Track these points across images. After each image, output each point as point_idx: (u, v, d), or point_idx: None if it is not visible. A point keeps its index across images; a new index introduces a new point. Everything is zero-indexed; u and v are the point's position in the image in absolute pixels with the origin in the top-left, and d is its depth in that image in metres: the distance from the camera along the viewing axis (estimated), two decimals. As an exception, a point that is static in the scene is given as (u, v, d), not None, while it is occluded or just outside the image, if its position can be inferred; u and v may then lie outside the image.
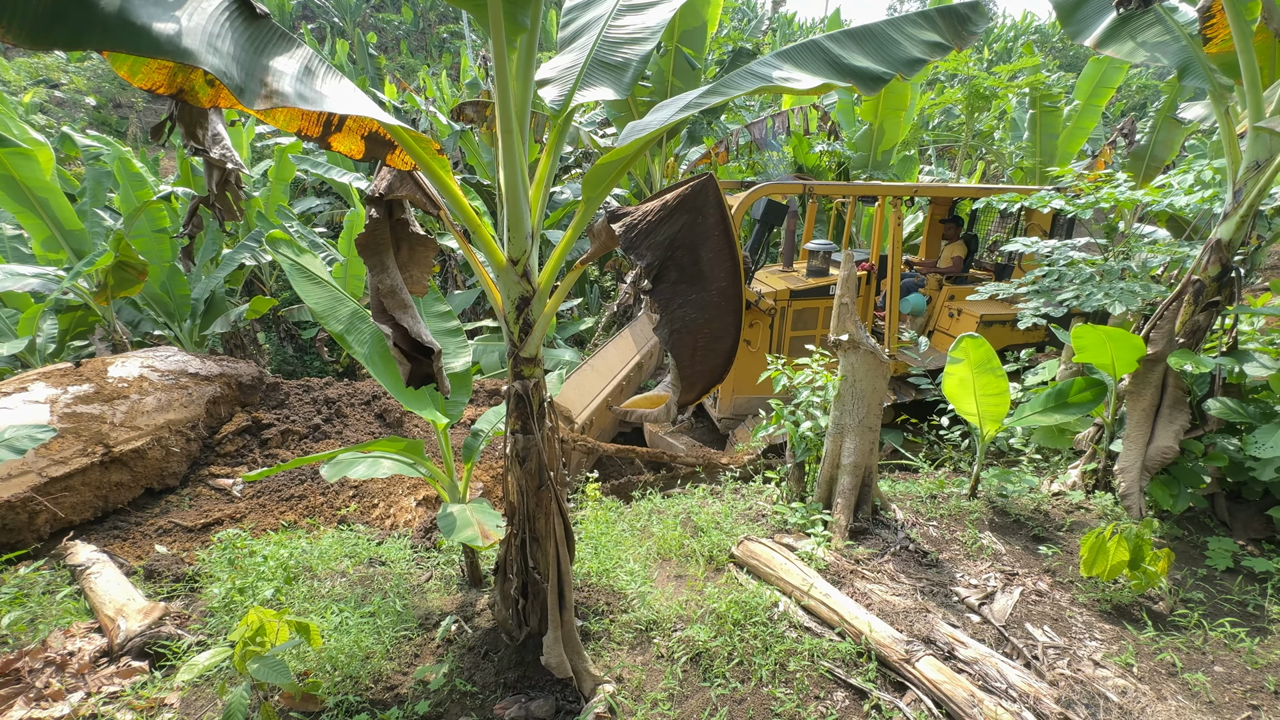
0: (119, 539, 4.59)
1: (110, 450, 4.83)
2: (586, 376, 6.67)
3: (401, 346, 2.35)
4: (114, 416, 5.05)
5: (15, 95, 14.56)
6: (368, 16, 26.00)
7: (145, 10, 1.36)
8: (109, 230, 8.35)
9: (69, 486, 4.54)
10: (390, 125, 1.79)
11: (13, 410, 4.67)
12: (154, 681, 2.71)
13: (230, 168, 1.86)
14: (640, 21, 2.26)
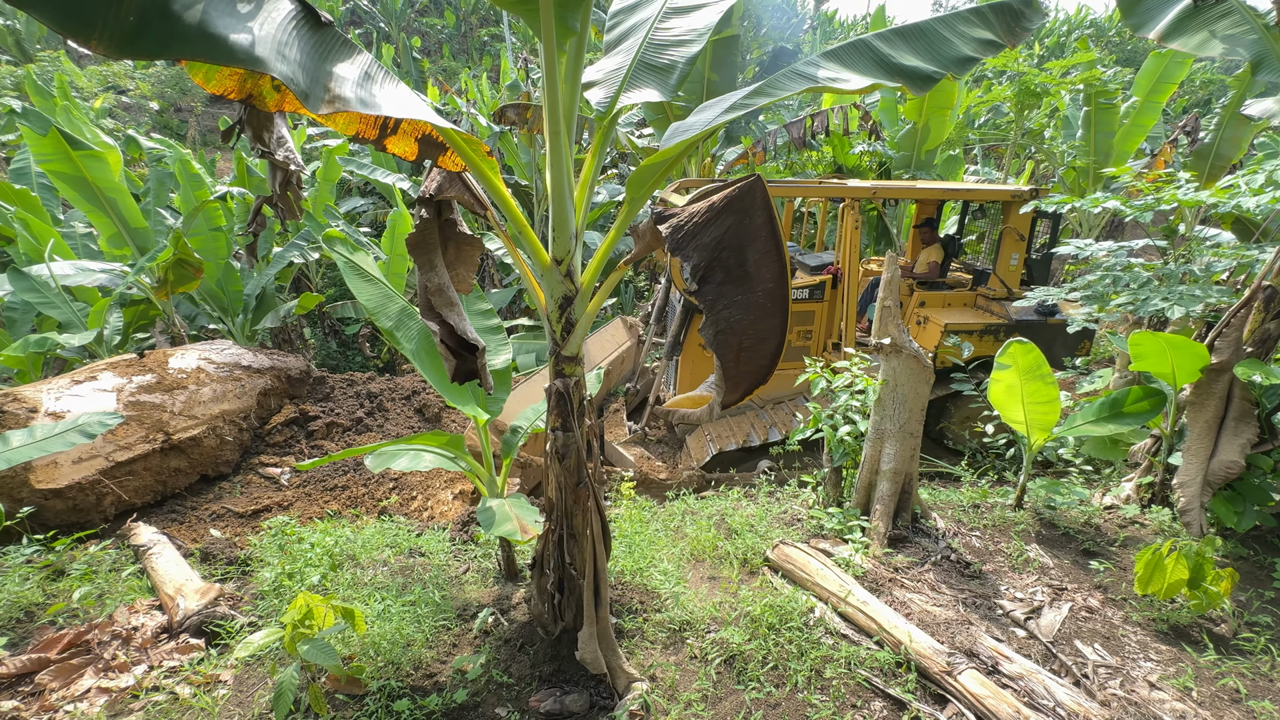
0: (176, 522, 4.83)
1: (170, 438, 5.09)
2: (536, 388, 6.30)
3: (448, 343, 2.41)
4: (173, 406, 5.32)
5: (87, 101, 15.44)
6: (412, 21, 26.66)
7: (221, 21, 1.43)
8: (170, 228, 8.77)
9: (132, 471, 4.80)
10: (442, 128, 1.84)
11: (83, 398, 4.96)
12: (210, 658, 2.84)
13: (293, 169, 1.94)
14: (687, 24, 2.27)
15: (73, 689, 2.64)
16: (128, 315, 8.53)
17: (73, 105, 11.12)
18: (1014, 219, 6.12)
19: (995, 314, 6.16)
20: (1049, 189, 6.56)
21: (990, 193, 6.32)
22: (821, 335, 6.47)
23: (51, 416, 4.66)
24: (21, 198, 8.37)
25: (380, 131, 1.90)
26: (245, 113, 1.81)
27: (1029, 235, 6.26)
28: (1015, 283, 6.34)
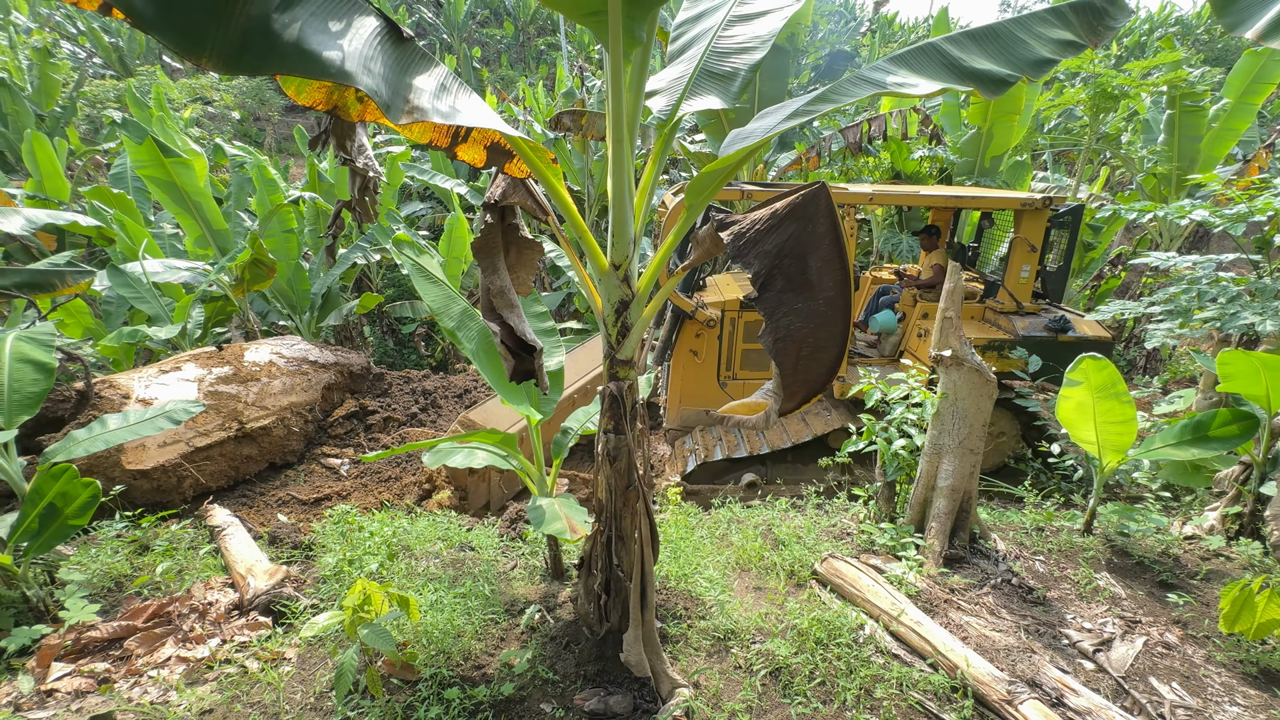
0: (245, 506, 5.13)
1: (243, 426, 5.41)
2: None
3: (507, 344, 2.48)
4: (247, 397, 5.65)
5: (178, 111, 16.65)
6: (473, 32, 27.57)
7: (315, 39, 1.54)
8: (248, 230, 9.34)
9: (209, 456, 5.13)
10: (511, 136, 1.90)
11: (169, 386, 5.34)
12: (276, 636, 3.01)
13: (371, 176, 2.05)
14: (750, 31, 2.27)
15: (155, 656, 2.85)
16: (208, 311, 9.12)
17: (166, 116, 12.00)
18: (1025, 228, 5.79)
19: (1002, 329, 5.85)
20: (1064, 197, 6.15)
21: (998, 201, 5.96)
22: None
23: (141, 403, 5.04)
24: (119, 201, 9.08)
25: (452, 139, 1.99)
26: (330, 123, 1.93)
27: (1042, 246, 5.92)
28: (1025, 296, 6.00)
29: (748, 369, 6.21)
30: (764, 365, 6.25)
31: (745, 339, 6.08)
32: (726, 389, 6.25)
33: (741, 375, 6.19)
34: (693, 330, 6.09)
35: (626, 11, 1.73)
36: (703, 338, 6.09)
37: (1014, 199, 5.78)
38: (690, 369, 6.12)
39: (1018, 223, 5.87)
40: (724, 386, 6.26)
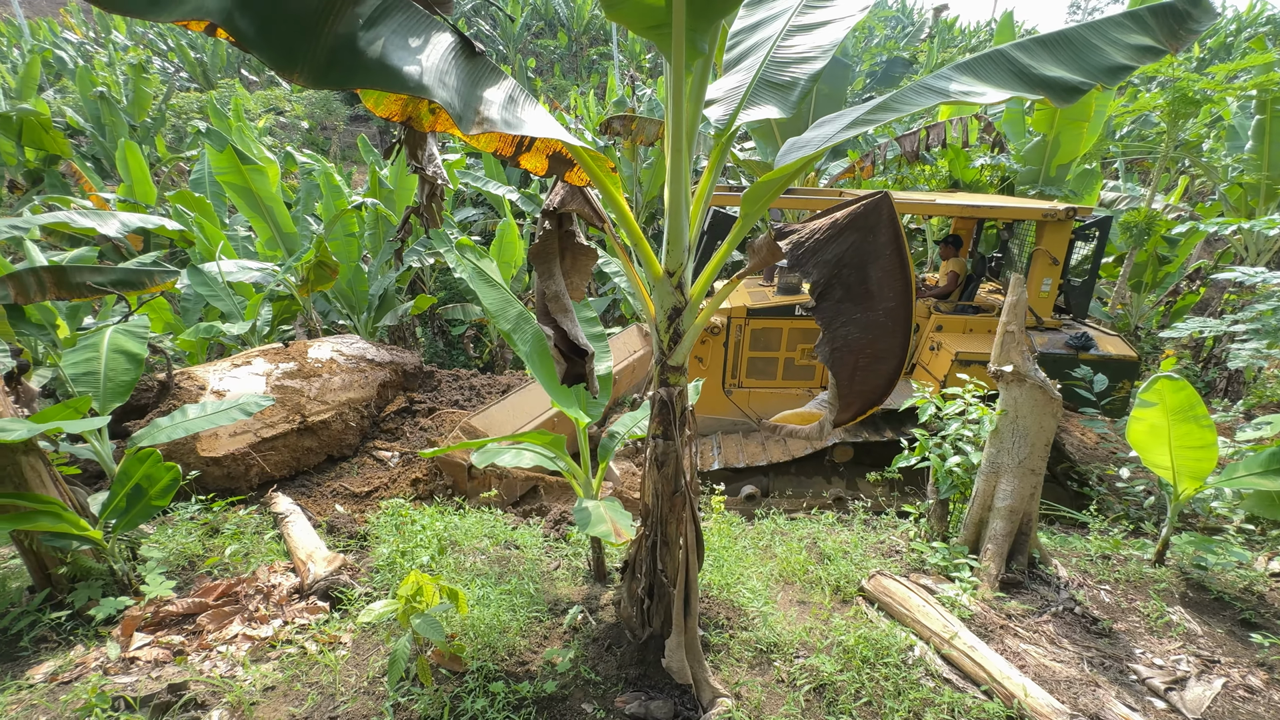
0: (304, 495, 5.39)
1: (305, 419, 5.69)
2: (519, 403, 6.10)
3: (560, 347, 2.53)
4: (310, 391, 5.95)
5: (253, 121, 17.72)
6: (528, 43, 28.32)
7: (396, 54, 1.63)
8: (314, 234, 9.84)
9: (274, 447, 5.41)
10: (573, 145, 1.96)
11: (240, 380, 5.67)
12: (333, 621, 3.15)
13: (439, 183, 2.15)
14: (811, 41, 2.27)
15: (224, 632, 3.02)
16: (275, 309, 9.64)
17: (243, 125, 12.78)
18: (1047, 240, 5.51)
19: None
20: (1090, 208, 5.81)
21: (1018, 211, 5.67)
22: None
23: (215, 394, 5.37)
24: (199, 205, 9.71)
25: (516, 149, 2.06)
26: (404, 134, 2.03)
27: (1064, 259, 5.60)
28: (1046, 311, 5.71)
29: (753, 377, 6.07)
30: (770, 374, 6.09)
31: (752, 347, 5.95)
32: (732, 397, 6.12)
33: (747, 384, 6.07)
34: (700, 336, 6.03)
35: (690, 24, 1.76)
36: (708, 344, 5.99)
37: (1035, 209, 5.55)
38: (694, 370, 6.04)
39: (1039, 234, 5.64)
40: (729, 394, 6.14)
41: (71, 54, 20.17)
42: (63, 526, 3.03)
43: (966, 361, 5.41)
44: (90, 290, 4.05)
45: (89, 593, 3.20)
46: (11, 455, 3.03)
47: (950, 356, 5.43)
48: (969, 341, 5.66)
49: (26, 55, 17.20)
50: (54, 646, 2.93)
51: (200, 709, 2.52)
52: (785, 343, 5.93)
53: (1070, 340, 5.46)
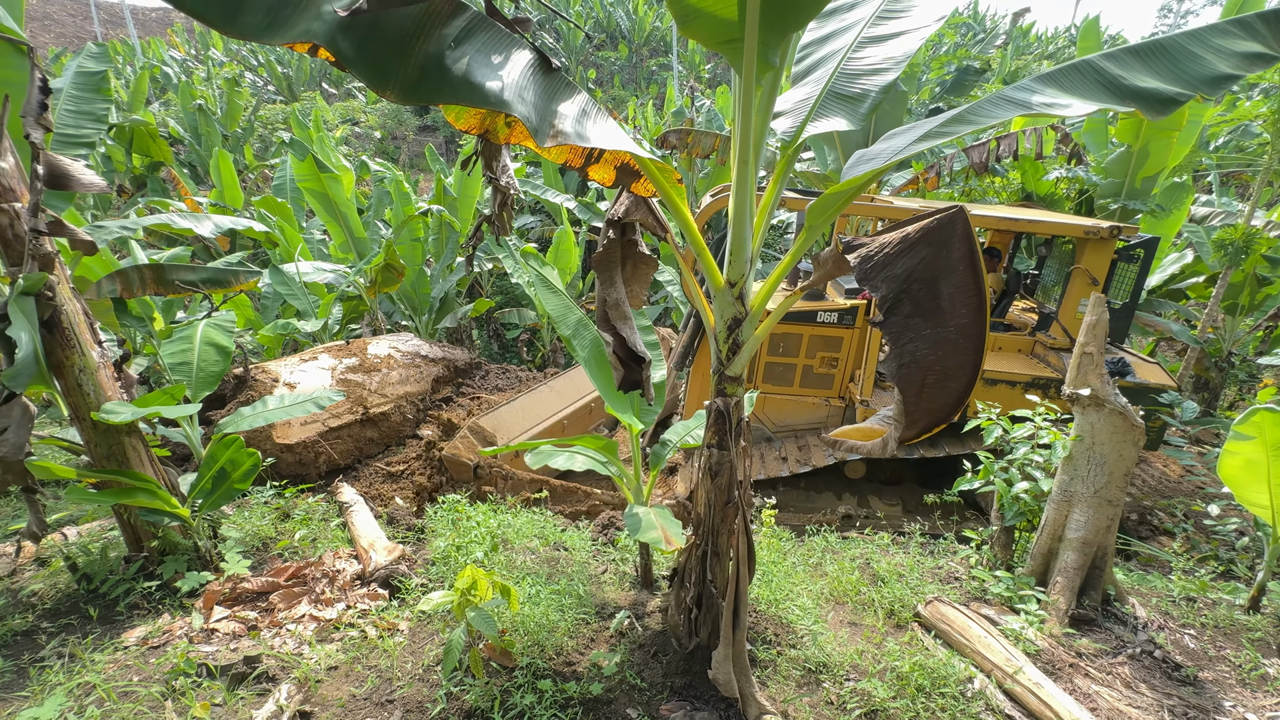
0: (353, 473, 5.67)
1: (367, 411, 5.97)
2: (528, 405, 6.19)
3: (619, 354, 2.58)
4: (370, 384, 6.25)
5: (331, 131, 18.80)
6: (589, 55, 28.92)
7: (479, 72, 1.72)
8: (383, 238, 10.34)
9: (339, 436, 5.71)
10: (641, 158, 2.01)
11: (308, 374, 6.01)
12: (391, 608, 3.28)
13: (512, 193, 2.24)
14: (882, 53, 2.24)
15: (293, 612, 3.20)
16: (345, 309, 10.15)
17: (323, 135, 13.58)
18: (1088, 259, 5.22)
19: (1051, 365, 5.28)
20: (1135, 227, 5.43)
21: (1057, 226, 5.35)
22: (849, 364, 5.87)
23: (287, 386, 5.72)
24: (281, 209, 10.37)
25: (585, 160, 2.13)
26: (481, 145, 2.13)
27: (1105, 279, 5.27)
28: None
29: (770, 382, 6.00)
30: (788, 380, 6.03)
31: (770, 352, 5.88)
32: None
33: (763, 389, 6.01)
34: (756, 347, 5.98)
35: (762, 39, 1.78)
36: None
37: (1076, 225, 5.28)
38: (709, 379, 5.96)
39: (1079, 252, 5.36)
40: None
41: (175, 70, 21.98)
42: (156, 503, 3.29)
43: (992, 381, 5.22)
44: (184, 287, 4.39)
45: (176, 566, 3.45)
46: (117, 436, 3.31)
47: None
48: (995, 360, 5.48)
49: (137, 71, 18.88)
50: (145, 613, 3.18)
51: (270, 682, 2.68)
52: (805, 349, 5.85)
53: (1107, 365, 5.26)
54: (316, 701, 2.61)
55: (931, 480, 6.05)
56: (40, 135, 2.65)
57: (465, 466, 5.03)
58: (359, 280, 9.07)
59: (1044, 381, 5.26)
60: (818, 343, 5.81)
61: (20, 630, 3.04)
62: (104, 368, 3.30)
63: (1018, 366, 5.39)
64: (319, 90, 24.26)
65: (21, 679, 2.67)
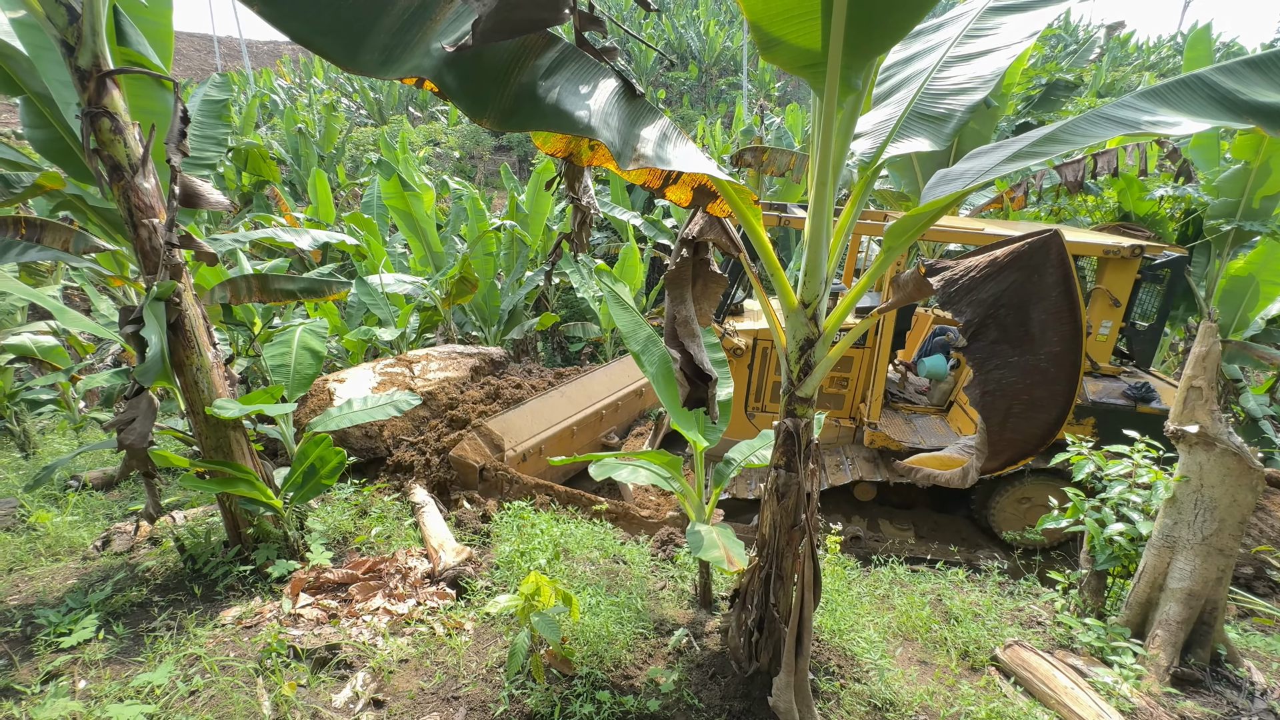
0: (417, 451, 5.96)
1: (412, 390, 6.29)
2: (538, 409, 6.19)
3: (686, 371, 2.61)
4: (411, 373, 6.67)
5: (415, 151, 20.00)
6: (659, 75, 29.47)
7: (569, 100, 1.81)
8: (459, 253, 10.86)
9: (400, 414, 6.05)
10: (719, 179, 2.04)
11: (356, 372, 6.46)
12: (458, 608, 3.41)
13: (591, 212, 2.34)
14: (969, 72, 2.19)
15: (369, 604, 3.39)
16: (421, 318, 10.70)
17: (408, 156, 14.47)
18: (1109, 279, 5.05)
19: None
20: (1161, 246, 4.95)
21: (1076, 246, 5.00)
22: (860, 384, 5.66)
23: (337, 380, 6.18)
24: (367, 225, 11.09)
25: (664, 181, 2.19)
26: (565, 167, 2.24)
27: (1128, 301, 4.96)
28: (1104, 356, 5.11)
29: (778, 401, 5.85)
30: None
31: (778, 371, 5.77)
32: (754, 420, 5.96)
33: (771, 408, 5.91)
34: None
35: (845, 62, 1.78)
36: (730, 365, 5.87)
37: (1095, 244, 4.95)
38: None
39: (1100, 272, 5.13)
40: (751, 418, 5.97)
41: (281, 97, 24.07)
42: (254, 494, 3.58)
43: None
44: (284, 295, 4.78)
45: (268, 553, 3.73)
46: (224, 430, 3.64)
47: None
48: None
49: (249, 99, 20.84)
50: (240, 594, 3.44)
51: (348, 669, 2.84)
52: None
53: (1129, 390, 4.98)
54: (389, 692, 2.74)
55: (946, 505, 5.87)
56: (179, 159, 2.99)
57: (471, 468, 5.16)
58: (435, 292, 9.54)
59: None
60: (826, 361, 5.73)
61: (136, 601, 3.36)
62: (217, 367, 3.64)
63: None
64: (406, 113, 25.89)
65: (137, 645, 2.95)
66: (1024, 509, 5.30)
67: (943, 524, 5.77)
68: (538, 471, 5.74)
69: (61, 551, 4.08)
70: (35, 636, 3.01)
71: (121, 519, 4.52)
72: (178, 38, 36.67)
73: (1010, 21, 2.24)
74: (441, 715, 2.63)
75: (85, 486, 5.18)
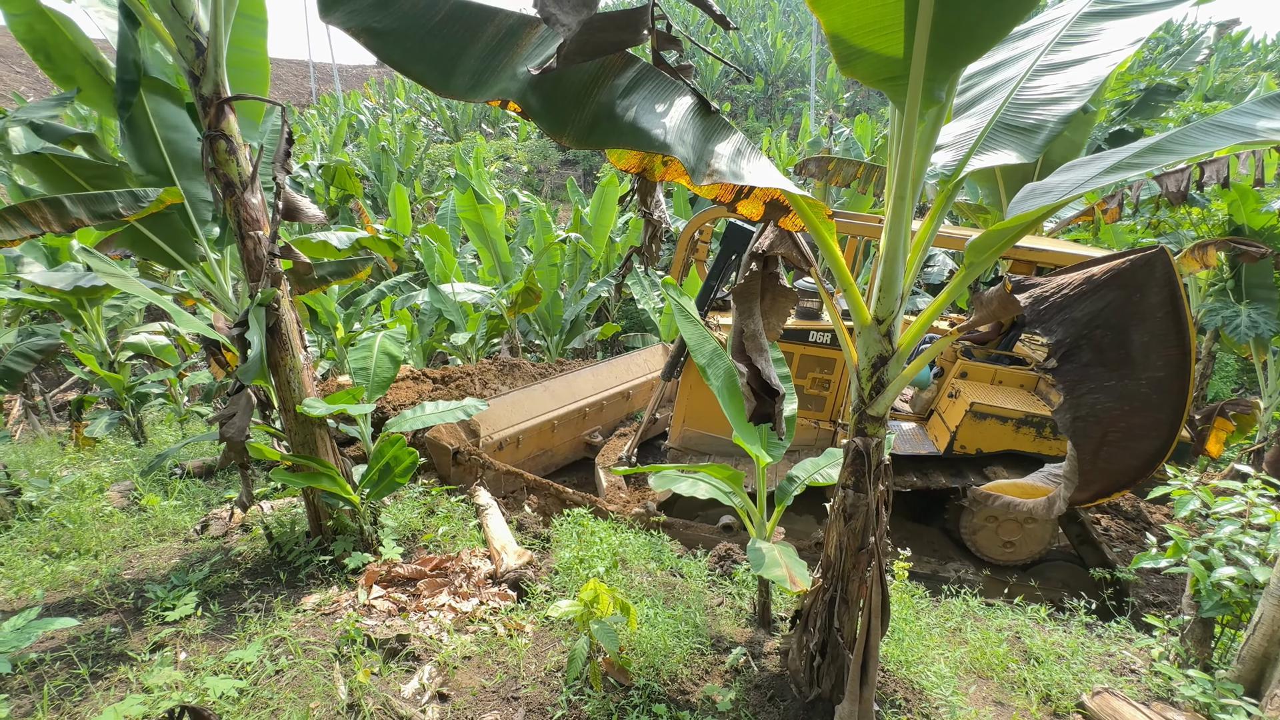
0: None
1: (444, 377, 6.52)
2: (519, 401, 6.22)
3: (752, 385, 2.59)
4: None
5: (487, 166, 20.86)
6: (724, 89, 29.51)
7: (645, 118, 1.86)
8: (525, 264, 11.21)
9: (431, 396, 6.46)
10: (792, 194, 2.03)
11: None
12: (519, 610, 3.49)
13: (662, 227, 2.38)
14: (1064, 81, 2.08)
15: (435, 600, 3.52)
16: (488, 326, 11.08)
17: (481, 171, 15.12)
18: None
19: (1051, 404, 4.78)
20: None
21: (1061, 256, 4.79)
22: (841, 388, 5.52)
23: None
24: (440, 236, 11.62)
25: (735, 195, 2.20)
26: (637, 183, 2.29)
27: None
28: None
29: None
30: None
31: None
32: None
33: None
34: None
35: (929, 75, 1.74)
36: None
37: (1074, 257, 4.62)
38: (698, 390, 5.85)
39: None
40: None
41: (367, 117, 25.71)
42: (335, 488, 3.80)
43: (982, 415, 5.00)
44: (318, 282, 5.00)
45: (344, 545, 3.95)
46: (311, 427, 3.89)
47: (965, 407, 5.06)
48: (991, 394, 5.22)
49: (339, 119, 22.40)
50: (319, 583, 3.66)
51: (416, 661, 2.97)
52: (796, 369, 5.72)
53: None
54: (453, 686, 2.83)
55: (921, 515, 5.72)
56: (285, 178, 3.26)
57: (445, 450, 5.28)
58: (502, 301, 9.88)
59: (1037, 420, 4.90)
60: (809, 363, 5.69)
61: (229, 583, 3.64)
62: (307, 368, 3.91)
63: (1013, 402, 5.09)
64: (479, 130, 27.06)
65: (230, 623, 3.19)
66: (993, 526, 5.18)
67: (916, 533, 5.65)
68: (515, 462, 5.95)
69: (167, 532, 4.48)
70: (145, 609, 3.30)
71: (218, 506, 4.91)
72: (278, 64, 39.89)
73: (1111, 27, 2.12)
74: (502, 714, 2.69)
75: (187, 474, 5.67)
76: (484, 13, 1.99)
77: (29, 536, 4.24)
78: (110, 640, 3.05)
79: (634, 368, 7.66)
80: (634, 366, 7.68)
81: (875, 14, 1.71)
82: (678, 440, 6.18)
